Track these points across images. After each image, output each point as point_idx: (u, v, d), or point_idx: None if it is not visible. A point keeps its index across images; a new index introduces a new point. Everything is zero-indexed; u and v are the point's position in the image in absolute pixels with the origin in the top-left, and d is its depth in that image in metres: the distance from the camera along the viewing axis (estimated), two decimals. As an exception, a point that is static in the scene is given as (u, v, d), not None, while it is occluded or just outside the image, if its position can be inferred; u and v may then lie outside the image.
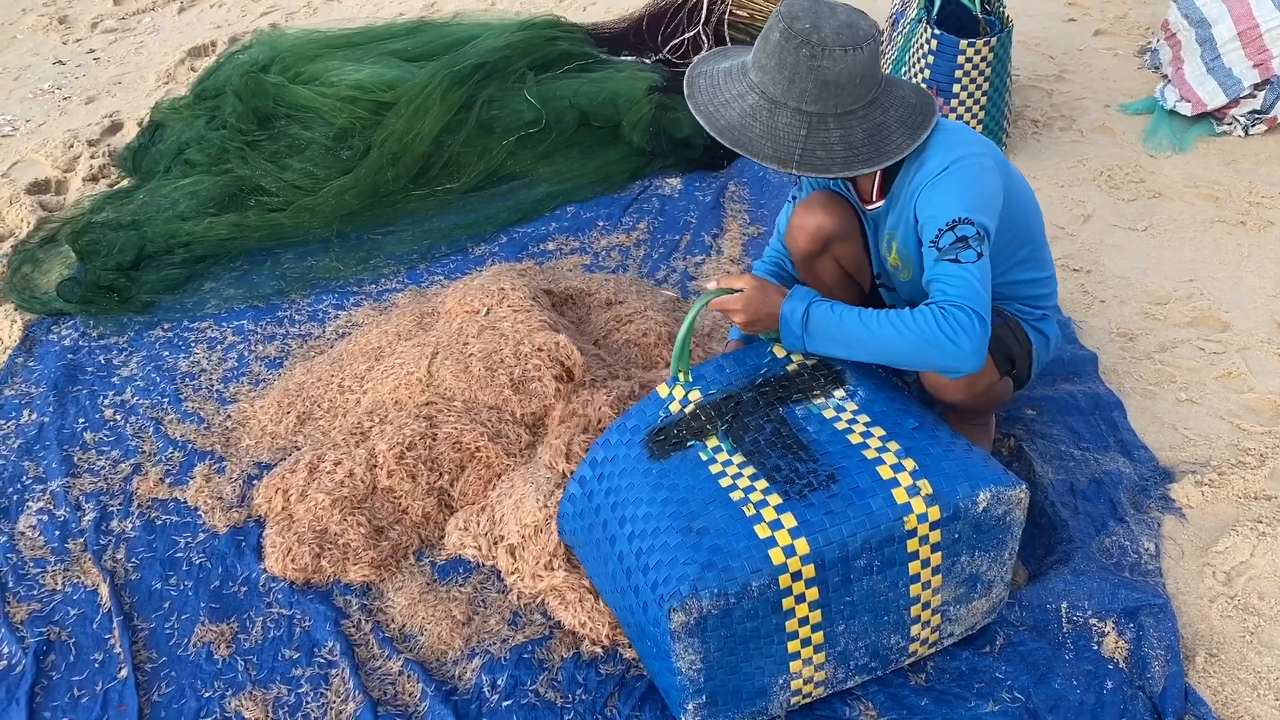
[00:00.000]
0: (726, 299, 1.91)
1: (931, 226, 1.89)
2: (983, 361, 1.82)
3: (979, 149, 1.98)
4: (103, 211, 3.41)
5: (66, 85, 4.63)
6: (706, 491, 1.79)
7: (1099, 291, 2.97)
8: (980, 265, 1.84)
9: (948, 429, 1.89)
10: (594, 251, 3.25)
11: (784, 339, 1.91)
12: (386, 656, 2.03)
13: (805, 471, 1.78)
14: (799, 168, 1.90)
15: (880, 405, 1.90)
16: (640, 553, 1.77)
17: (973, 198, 1.90)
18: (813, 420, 1.88)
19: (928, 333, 1.79)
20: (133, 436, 2.58)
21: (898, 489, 1.74)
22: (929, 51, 3.37)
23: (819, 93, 1.88)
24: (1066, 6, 4.76)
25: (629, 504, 1.84)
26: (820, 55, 1.84)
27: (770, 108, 1.91)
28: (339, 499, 2.28)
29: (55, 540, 2.30)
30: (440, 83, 3.58)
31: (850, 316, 1.84)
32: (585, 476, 1.96)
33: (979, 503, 1.76)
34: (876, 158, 1.92)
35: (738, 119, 1.92)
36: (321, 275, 3.15)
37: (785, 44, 1.86)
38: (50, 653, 2.07)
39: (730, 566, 1.67)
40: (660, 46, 4.12)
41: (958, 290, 1.81)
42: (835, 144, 1.91)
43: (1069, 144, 3.70)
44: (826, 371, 1.96)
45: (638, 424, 1.94)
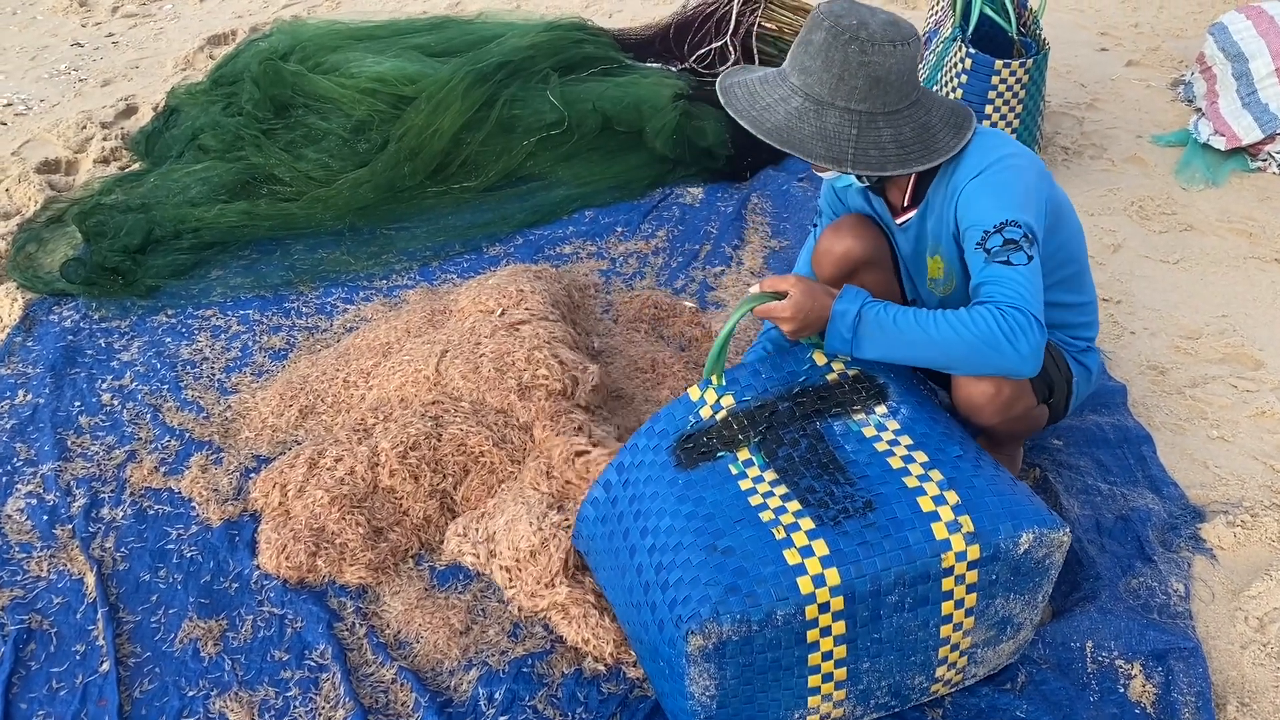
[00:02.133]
0: (773, 306, 1.81)
1: (976, 230, 1.82)
2: (1039, 366, 1.75)
3: (1019, 151, 1.92)
4: (112, 194, 3.35)
5: (83, 67, 4.57)
6: (734, 509, 1.69)
7: (1129, 323, 2.89)
8: (1032, 268, 1.77)
9: (991, 459, 1.79)
10: (611, 257, 3.18)
11: (830, 342, 1.81)
12: (380, 663, 1.95)
13: (841, 496, 1.68)
14: (854, 166, 1.85)
15: (923, 426, 1.79)
16: (660, 567, 1.67)
17: (1018, 198, 1.83)
18: (851, 438, 1.78)
19: (986, 333, 1.71)
20: (129, 422, 2.50)
21: (938, 523, 1.63)
22: (962, 71, 3.30)
23: (869, 90, 1.83)
24: (1099, 36, 4.70)
25: (652, 514, 1.74)
26: (871, 50, 1.81)
27: (817, 109, 1.86)
28: (338, 497, 2.19)
29: (43, 525, 2.22)
30: (462, 79, 3.51)
31: (905, 317, 1.76)
32: (610, 481, 1.87)
33: (1020, 544, 1.66)
34: (927, 155, 1.88)
35: (783, 121, 1.87)
36: (331, 268, 3.08)
37: (833, 41, 1.82)
38: (30, 641, 1.98)
39: (755, 592, 1.57)
40: (686, 55, 4.06)
41: (1012, 292, 1.74)
42: (887, 142, 1.86)
43: (1100, 173, 3.63)
44: (869, 384, 1.86)
45: (666, 428, 1.84)
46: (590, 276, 3.07)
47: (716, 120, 3.61)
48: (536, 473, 2.20)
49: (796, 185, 3.50)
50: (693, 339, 2.81)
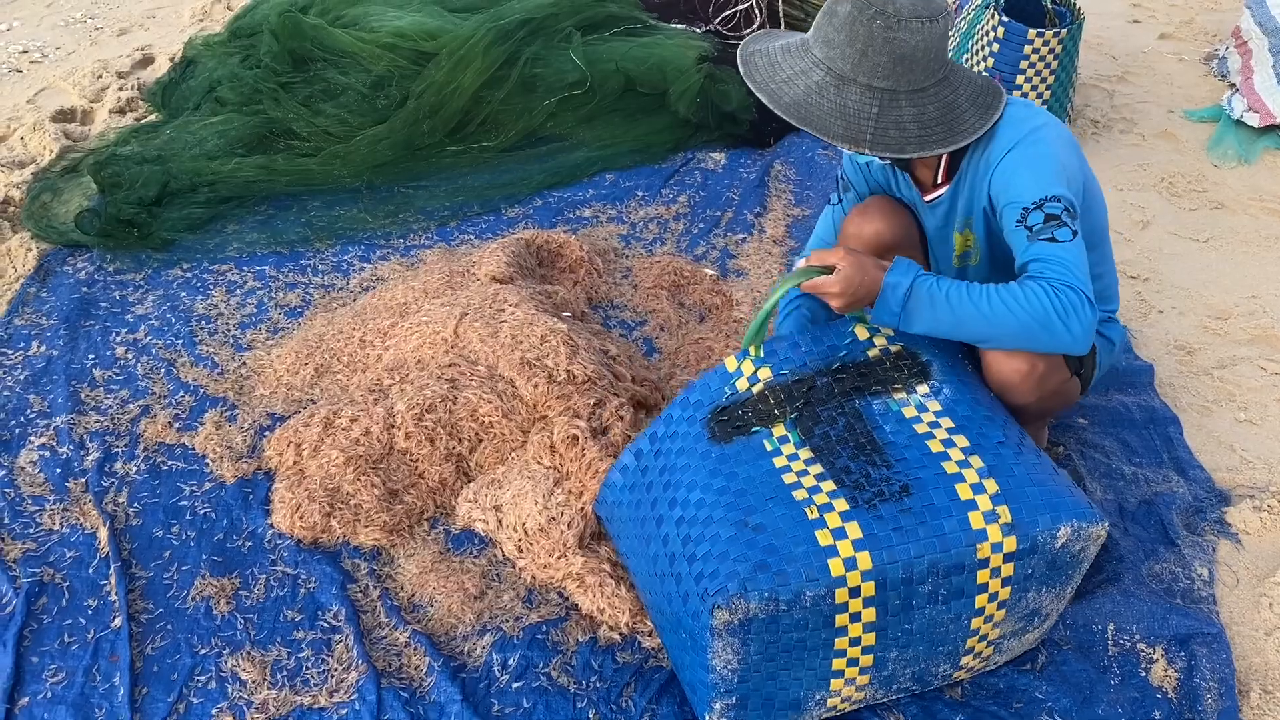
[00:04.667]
0: (821, 281, 1.74)
1: (1015, 207, 1.77)
2: (1089, 346, 1.71)
3: (1050, 122, 1.87)
4: (128, 145, 3.31)
5: (99, 16, 4.51)
6: (767, 485, 1.65)
7: (1157, 301, 2.84)
8: (1077, 244, 1.72)
9: (1033, 445, 1.74)
10: (631, 222, 3.13)
11: (878, 314, 1.75)
12: (393, 626, 1.93)
13: (878, 478, 1.64)
14: (872, 147, 1.79)
15: (965, 409, 1.74)
16: (688, 540, 1.64)
17: (1054, 171, 1.78)
18: (890, 418, 1.73)
19: (1041, 311, 1.67)
20: (143, 377, 2.48)
21: (975, 513, 1.59)
22: (994, 40, 3.23)
23: (893, 67, 1.77)
24: (1131, 8, 4.60)
25: (682, 486, 1.71)
26: (897, 26, 1.74)
27: (838, 84, 1.79)
28: (353, 457, 2.17)
29: (55, 478, 2.20)
30: (484, 36, 3.45)
31: (958, 292, 1.71)
32: (643, 450, 1.84)
33: (1059, 538, 1.61)
34: (950, 137, 1.81)
35: (802, 96, 1.80)
36: (349, 226, 3.04)
37: (858, 15, 1.75)
38: (42, 595, 1.97)
39: (785, 570, 1.54)
40: (711, 17, 3.98)
41: (1062, 270, 1.69)
42: (909, 122, 1.80)
43: (1129, 147, 3.56)
44: (911, 362, 1.80)
45: (701, 399, 1.80)
46: (609, 241, 3.03)
47: (740, 85, 3.54)
48: (540, 446, 2.17)
49: (821, 153, 3.44)
50: (713, 307, 2.77)
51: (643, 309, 2.75)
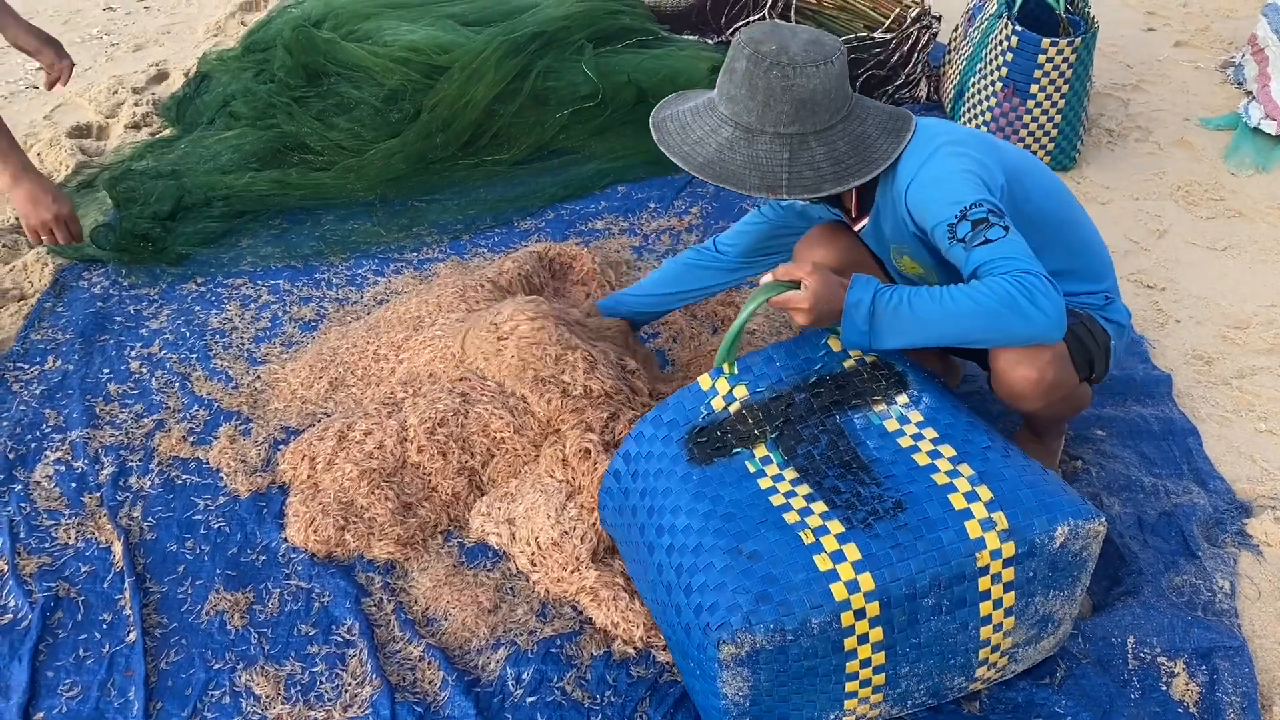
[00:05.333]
0: (790, 296, 1.74)
1: (941, 227, 1.78)
2: (1064, 329, 1.70)
3: (950, 138, 1.87)
4: (143, 159, 3.32)
5: (115, 32, 4.54)
6: (756, 509, 1.63)
7: (1174, 310, 2.81)
8: (1013, 237, 1.72)
9: (1019, 449, 1.73)
10: (643, 234, 3.13)
11: (846, 335, 1.74)
12: (407, 640, 1.92)
13: (869, 496, 1.62)
14: (789, 191, 1.82)
15: (947, 416, 1.74)
16: (681, 570, 1.62)
17: (963, 181, 1.79)
18: (873, 433, 1.72)
19: (1005, 296, 1.66)
20: (158, 391, 2.48)
21: (971, 521, 1.58)
22: (1008, 49, 3.22)
23: (796, 112, 1.82)
24: (1146, 15, 4.58)
25: (666, 511, 1.69)
26: (793, 74, 1.79)
27: (748, 137, 1.84)
28: (367, 471, 2.17)
29: (71, 493, 2.21)
30: (496, 49, 3.46)
31: (920, 297, 1.71)
32: (620, 471, 1.83)
33: (1056, 538, 1.60)
34: (865, 168, 1.85)
35: (714, 154, 1.85)
36: (362, 239, 3.04)
37: (754, 69, 1.81)
38: (58, 609, 1.97)
39: (788, 600, 1.52)
40: (724, 29, 3.98)
41: (1010, 262, 1.69)
42: (821, 161, 1.84)
43: (1145, 156, 3.54)
44: (887, 372, 1.80)
45: (675, 418, 1.79)
46: (622, 253, 3.03)
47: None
48: (553, 460, 2.16)
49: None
50: (725, 319, 2.76)
51: (655, 321, 2.74)
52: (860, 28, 3.86)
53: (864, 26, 3.86)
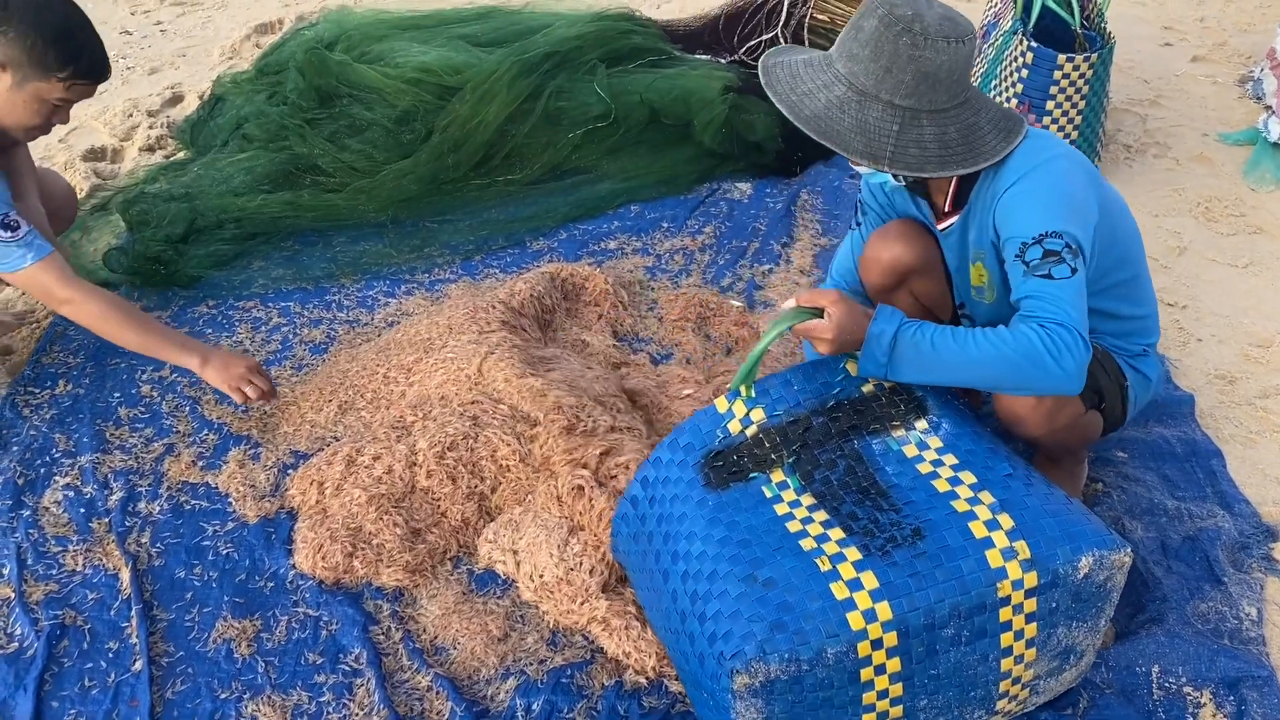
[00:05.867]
0: (813, 324, 1.71)
1: (1015, 241, 1.73)
2: (1083, 384, 1.66)
3: (1065, 154, 1.82)
4: (156, 182, 3.32)
5: (131, 55, 4.57)
6: (772, 535, 1.60)
7: (1195, 329, 2.77)
8: (1075, 281, 1.68)
9: (1041, 476, 1.70)
10: (656, 254, 3.11)
11: (864, 365, 1.71)
12: (415, 669, 1.89)
13: (887, 523, 1.59)
14: (891, 164, 1.76)
15: (968, 443, 1.70)
16: (696, 597, 1.59)
17: (1059, 207, 1.74)
18: (892, 459, 1.68)
19: (1029, 350, 1.62)
20: (168, 415, 2.47)
21: (992, 550, 1.54)
22: (1023, 65, 3.19)
23: (916, 85, 1.74)
24: (1162, 30, 4.54)
25: (681, 537, 1.66)
26: (923, 45, 1.71)
27: (860, 100, 1.76)
28: (376, 496, 2.14)
29: (79, 518, 2.19)
30: (508, 70, 3.45)
31: (942, 337, 1.67)
32: (637, 496, 1.80)
33: (1080, 568, 1.56)
34: (971, 158, 1.78)
35: (823, 110, 1.77)
36: (374, 261, 3.03)
37: (884, 31, 1.72)
38: (64, 638, 1.96)
39: (804, 629, 1.48)
40: (736, 48, 3.97)
41: (1055, 308, 1.65)
42: (929, 141, 1.77)
43: (1164, 172, 3.50)
44: (906, 397, 1.76)
45: (691, 442, 1.76)
46: (635, 273, 3.00)
47: (766, 114, 3.52)
48: (548, 497, 2.13)
49: (848, 181, 3.41)
50: (740, 339, 2.73)
51: (668, 342, 2.72)
52: (874, 45, 3.83)
53: (878, 44, 3.84)
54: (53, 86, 2.20)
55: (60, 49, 2.17)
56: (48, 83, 2.19)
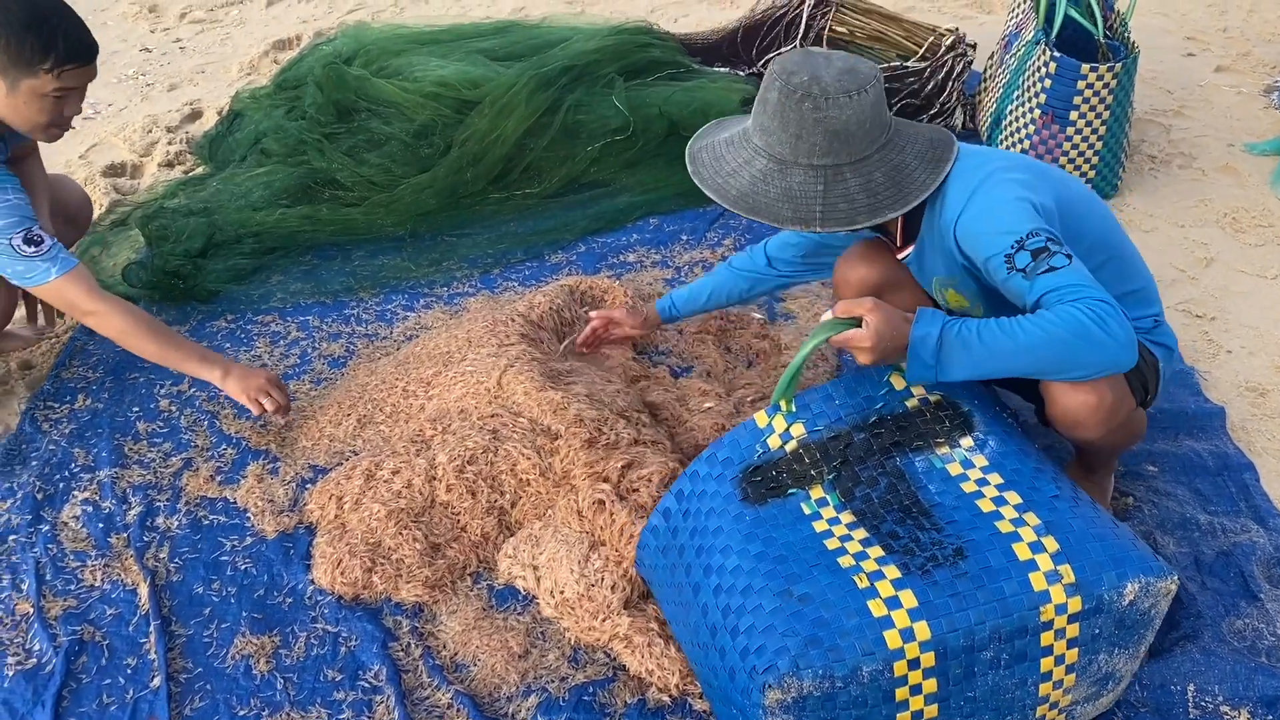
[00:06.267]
0: (852, 334, 1.67)
1: (998, 258, 1.71)
2: (1136, 355, 1.63)
3: (1000, 165, 1.81)
4: (175, 197, 3.33)
5: (151, 72, 4.59)
6: (809, 552, 1.57)
7: (1225, 340, 2.72)
8: (1077, 265, 1.66)
9: (1088, 498, 1.65)
10: (676, 266, 3.09)
11: (912, 370, 1.67)
12: (436, 686, 1.87)
13: (928, 542, 1.55)
14: (823, 224, 1.77)
15: (1014, 462, 1.66)
16: (728, 610, 1.56)
17: (1017, 211, 1.73)
18: (935, 477, 1.65)
19: (1077, 325, 1.59)
20: (186, 429, 2.46)
21: (1035, 573, 1.50)
22: (1046, 75, 3.16)
23: (830, 144, 1.77)
24: (1185, 40, 4.51)
25: (716, 551, 1.63)
26: (825, 106, 1.74)
27: (781, 169, 1.80)
28: (395, 510, 2.12)
29: (98, 533, 2.18)
30: (526, 84, 3.45)
31: (988, 329, 1.64)
32: (670, 509, 1.77)
33: (1125, 595, 1.52)
34: (901, 200, 1.79)
35: (748, 186, 1.81)
36: (392, 275, 3.02)
37: (786, 100, 1.76)
38: (82, 653, 1.94)
39: (839, 645, 1.45)
40: (755, 60, 3.95)
41: (1077, 289, 1.63)
42: (856, 193, 1.79)
43: (1189, 183, 3.46)
44: (952, 412, 1.72)
45: (730, 457, 1.73)
46: (654, 286, 2.98)
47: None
48: (568, 511, 2.10)
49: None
50: (761, 352, 2.71)
51: (689, 355, 2.69)
52: (894, 57, 3.82)
53: (897, 55, 3.82)
54: (43, 80, 2.17)
55: (34, 41, 2.13)
56: (37, 78, 2.17)
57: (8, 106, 2.20)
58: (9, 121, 2.24)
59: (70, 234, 2.70)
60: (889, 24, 3.92)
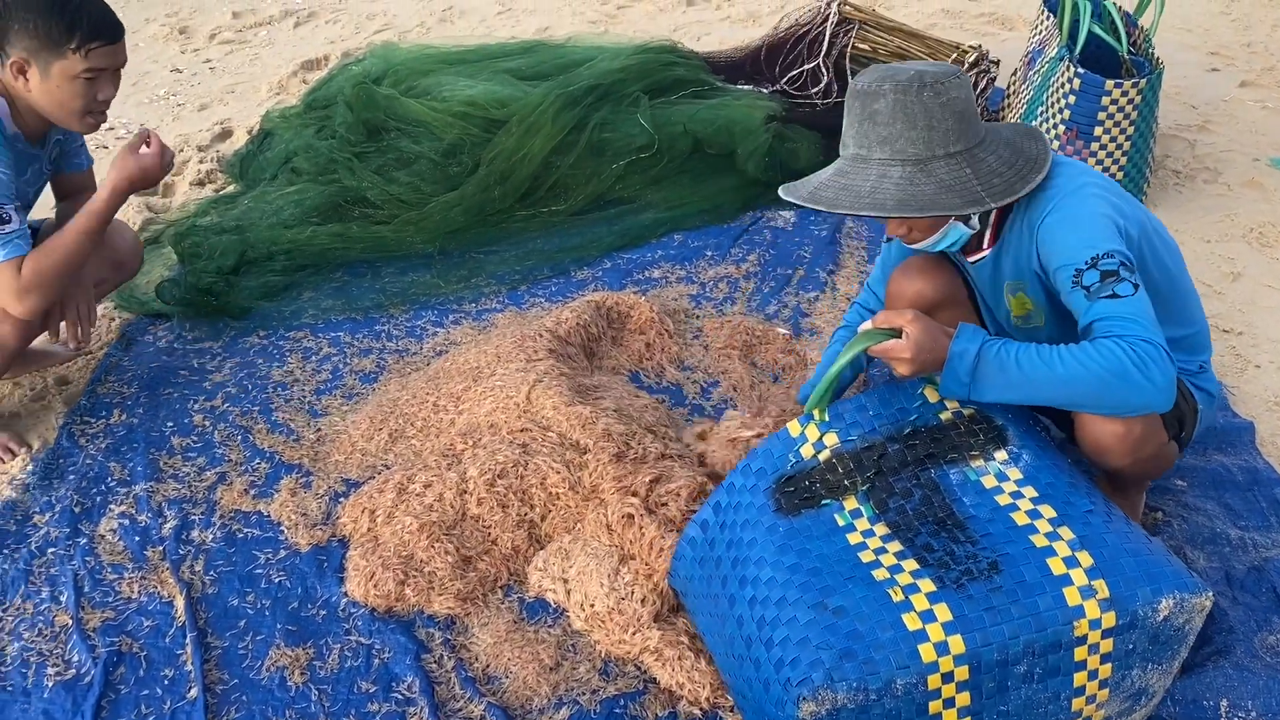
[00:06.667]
0: (891, 345, 1.69)
1: (1068, 269, 1.71)
2: (1173, 398, 1.63)
3: (1096, 179, 1.82)
4: (207, 215, 3.38)
5: (181, 92, 4.66)
6: (844, 564, 1.58)
7: (1253, 355, 2.72)
8: (1141, 297, 1.66)
9: (1121, 514, 1.66)
10: (700, 282, 3.11)
11: (946, 384, 1.69)
12: (468, 698, 1.88)
13: (963, 555, 1.56)
14: (992, 198, 1.75)
15: (1048, 476, 1.66)
16: (763, 623, 1.57)
17: (1102, 228, 1.73)
18: (970, 489, 1.65)
19: (1116, 365, 1.59)
20: (220, 444, 2.50)
21: (1070, 588, 1.51)
22: (1070, 91, 3.17)
23: (960, 127, 1.77)
24: (1208, 56, 4.51)
25: (751, 562, 1.64)
26: (944, 89, 1.75)
27: (921, 168, 1.77)
28: (427, 524, 2.15)
29: (134, 546, 2.21)
30: (553, 103, 3.49)
31: (1027, 355, 1.65)
32: (708, 521, 1.78)
33: (1160, 611, 1.52)
34: (1034, 166, 1.81)
35: (899, 193, 1.75)
36: (422, 291, 3.06)
37: (904, 98, 1.74)
38: (120, 664, 1.97)
39: (873, 658, 1.46)
40: (778, 77, 3.98)
41: (1132, 325, 1.63)
42: (1000, 168, 1.79)
43: (1215, 198, 3.46)
44: (986, 426, 1.73)
45: (764, 467, 1.74)
46: (679, 301, 3.01)
47: (809, 142, 3.53)
48: (597, 525, 2.12)
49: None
50: (786, 367, 2.72)
51: (714, 370, 2.71)
52: (917, 74, 3.83)
53: (920, 72, 3.83)
54: (72, 61, 2.23)
55: (60, 21, 2.19)
56: (66, 59, 2.23)
57: (43, 94, 2.25)
58: (47, 111, 2.29)
59: (117, 278, 2.73)
60: (911, 41, 3.95)
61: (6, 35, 2.21)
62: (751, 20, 5.07)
